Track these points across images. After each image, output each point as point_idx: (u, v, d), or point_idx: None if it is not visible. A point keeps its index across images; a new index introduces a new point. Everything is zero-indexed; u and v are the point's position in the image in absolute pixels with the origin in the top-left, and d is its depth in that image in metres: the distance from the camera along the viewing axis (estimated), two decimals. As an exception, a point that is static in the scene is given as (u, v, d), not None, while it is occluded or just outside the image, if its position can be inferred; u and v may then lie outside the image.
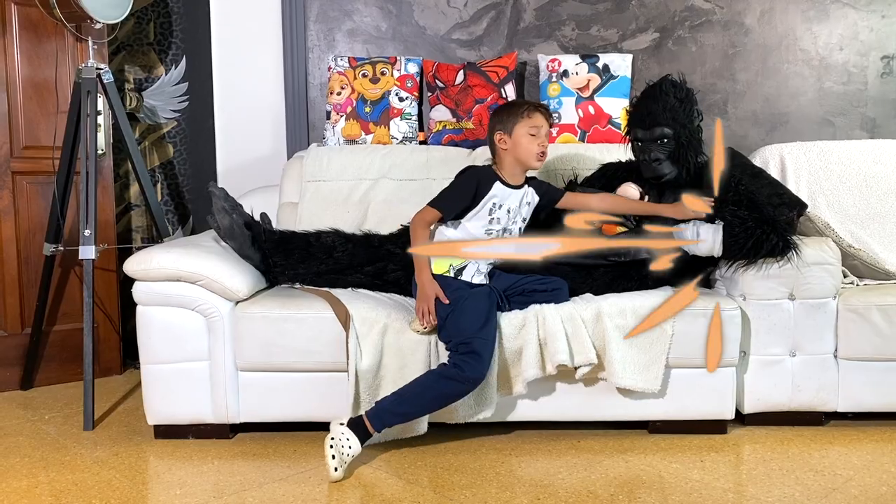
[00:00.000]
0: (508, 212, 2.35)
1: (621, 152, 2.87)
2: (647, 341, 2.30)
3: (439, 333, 2.25)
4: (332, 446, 2.05)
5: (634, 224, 2.46)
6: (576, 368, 2.28)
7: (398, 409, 2.15)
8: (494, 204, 2.32)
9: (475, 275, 2.32)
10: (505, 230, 2.36)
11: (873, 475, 2.09)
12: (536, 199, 2.44)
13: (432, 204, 2.32)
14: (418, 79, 3.19)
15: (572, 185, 2.62)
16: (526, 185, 2.40)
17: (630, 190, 2.52)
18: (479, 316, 2.20)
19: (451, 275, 2.28)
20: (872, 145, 3.00)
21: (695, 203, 2.32)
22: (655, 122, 2.48)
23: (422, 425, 2.27)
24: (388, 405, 2.14)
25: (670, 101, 2.48)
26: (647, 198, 2.55)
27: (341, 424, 2.10)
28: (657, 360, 2.30)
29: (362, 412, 2.18)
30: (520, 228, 2.41)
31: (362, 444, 2.10)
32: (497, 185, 2.33)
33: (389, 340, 2.27)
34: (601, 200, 2.47)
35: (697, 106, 2.54)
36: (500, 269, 2.41)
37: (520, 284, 2.36)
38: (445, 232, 2.36)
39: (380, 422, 2.12)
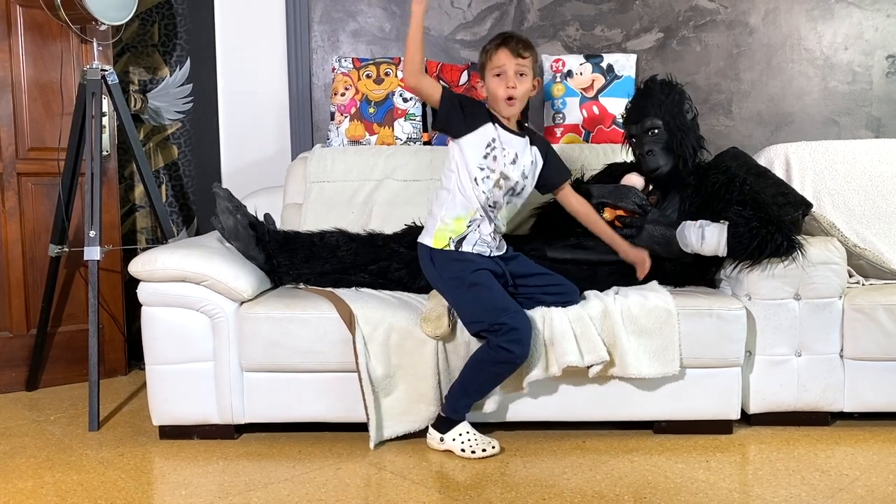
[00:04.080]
0: (507, 156, 2.26)
1: (626, 152, 2.87)
2: (655, 326, 2.28)
3: (461, 318, 2.25)
4: (463, 450, 2.20)
5: (647, 210, 2.46)
6: (588, 368, 2.27)
7: (467, 399, 2.24)
8: (494, 139, 2.26)
9: (477, 243, 2.28)
10: (504, 177, 2.27)
11: (880, 475, 2.08)
12: (541, 163, 2.38)
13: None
14: (422, 79, 3.18)
15: (578, 184, 2.62)
16: (527, 138, 2.34)
17: (634, 178, 2.56)
18: (496, 290, 2.22)
19: (452, 247, 2.26)
20: (878, 145, 2.99)
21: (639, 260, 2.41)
22: (644, 114, 2.53)
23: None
24: (457, 398, 2.22)
25: (657, 95, 2.53)
26: (649, 195, 2.56)
27: (436, 435, 2.25)
28: (670, 344, 2.28)
29: (371, 410, 2.24)
30: (523, 187, 2.34)
31: (463, 420, 2.24)
32: (490, 126, 2.26)
33: (395, 339, 2.27)
34: (587, 213, 2.45)
35: (689, 101, 2.56)
36: (516, 252, 2.40)
37: (534, 282, 2.33)
38: (443, 182, 2.33)
39: (457, 412, 2.24)
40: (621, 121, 2.73)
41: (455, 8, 3.33)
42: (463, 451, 2.20)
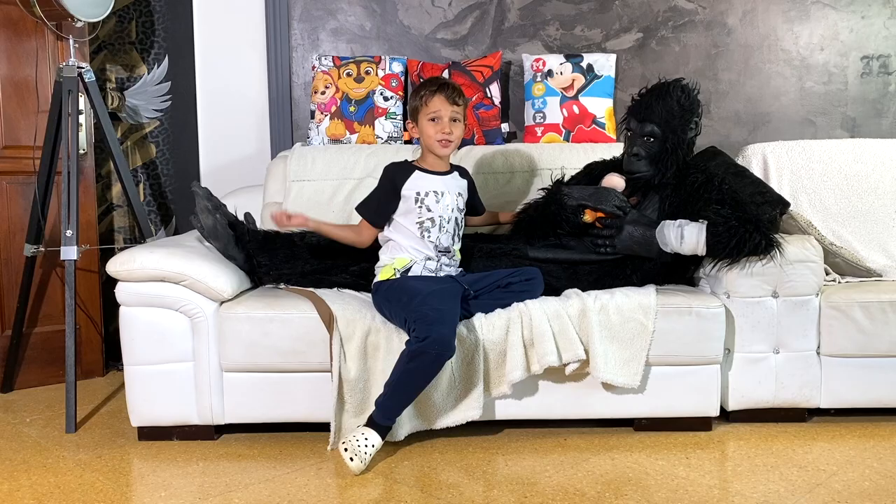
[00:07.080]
0: (436, 198, 2.34)
1: (606, 151, 2.89)
2: (627, 337, 2.31)
3: (397, 324, 2.24)
4: (346, 448, 2.06)
5: (627, 211, 2.47)
6: (564, 365, 2.28)
7: (398, 402, 2.13)
8: (419, 193, 2.33)
9: (424, 269, 2.33)
10: (439, 217, 2.35)
11: (856, 470, 2.11)
12: (466, 192, 2.47)
13: (360, 214, 2.40)
14: (403, 78, 3.18)
15: (559, 184, 2.63)
16: (455, 172, 2.44)
17: (615, 179, 2.54)
18: (430, 292, 2.19)
19: (397, 276, 2.31)
20: (853, 144, 3.04)
21: None
22: (649, 118, 2.49)
23: (401, 430, 2.26)
24: (386, 401, 2.12)
25: (672, 103, 2.47)
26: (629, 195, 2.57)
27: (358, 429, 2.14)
28: (637, 357, 2.31)
29: (346, 415, 2.23)
30: (457, 218, 2.40)
31: (383, 437, 2.12)
32: (416, 175, 2.34)
33: (373, 341, 2.26)
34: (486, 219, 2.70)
35: (698, 119, 2.53)
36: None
37: (493, 279, 2.37)
38: (387, 235, 2.39)
39: (388, 418, 2.13)
40: (627, 107, 2.66)
41: (436, 7, 3.32)
42: (346, 450, 2.06)
